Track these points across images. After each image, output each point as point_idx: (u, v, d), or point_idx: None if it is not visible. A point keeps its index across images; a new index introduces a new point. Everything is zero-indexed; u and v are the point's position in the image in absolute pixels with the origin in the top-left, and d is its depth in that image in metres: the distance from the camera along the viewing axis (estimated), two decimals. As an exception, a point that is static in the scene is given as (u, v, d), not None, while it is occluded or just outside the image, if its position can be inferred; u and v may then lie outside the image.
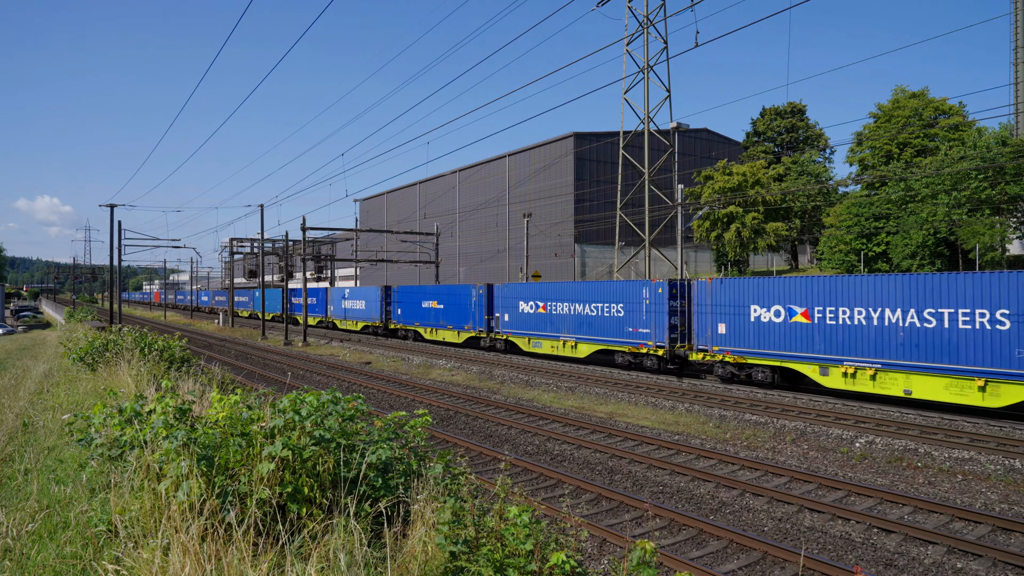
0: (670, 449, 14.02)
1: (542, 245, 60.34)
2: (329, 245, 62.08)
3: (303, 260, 44.34)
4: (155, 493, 5.24)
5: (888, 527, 9.28)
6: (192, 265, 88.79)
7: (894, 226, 39.84)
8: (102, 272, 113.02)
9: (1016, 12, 45.31)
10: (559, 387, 22.34)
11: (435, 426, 16.18)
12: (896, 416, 16.45)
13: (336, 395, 5.80)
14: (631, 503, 10.45)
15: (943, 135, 47.11)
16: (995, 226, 35.66)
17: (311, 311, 54.71)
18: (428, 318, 38.69)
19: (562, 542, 5.21)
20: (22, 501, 6.75)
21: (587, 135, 59.16)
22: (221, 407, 6.01)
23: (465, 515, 5.09)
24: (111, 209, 43.78)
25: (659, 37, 35.83)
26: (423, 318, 39.21)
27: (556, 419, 16.99)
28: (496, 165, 68.00)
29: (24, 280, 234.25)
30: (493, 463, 13.06)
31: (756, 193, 47.87)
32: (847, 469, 12.80)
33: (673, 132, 37.81)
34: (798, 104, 63.88)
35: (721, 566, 8.28)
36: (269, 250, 55.31)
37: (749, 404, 18.28)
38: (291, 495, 5.05)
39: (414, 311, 40.14)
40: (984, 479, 11.88)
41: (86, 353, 17.89)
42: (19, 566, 5.17)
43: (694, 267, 63.53)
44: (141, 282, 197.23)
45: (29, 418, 11.62)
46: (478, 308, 34.13)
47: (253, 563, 4.40)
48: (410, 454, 6.14)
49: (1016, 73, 45.05)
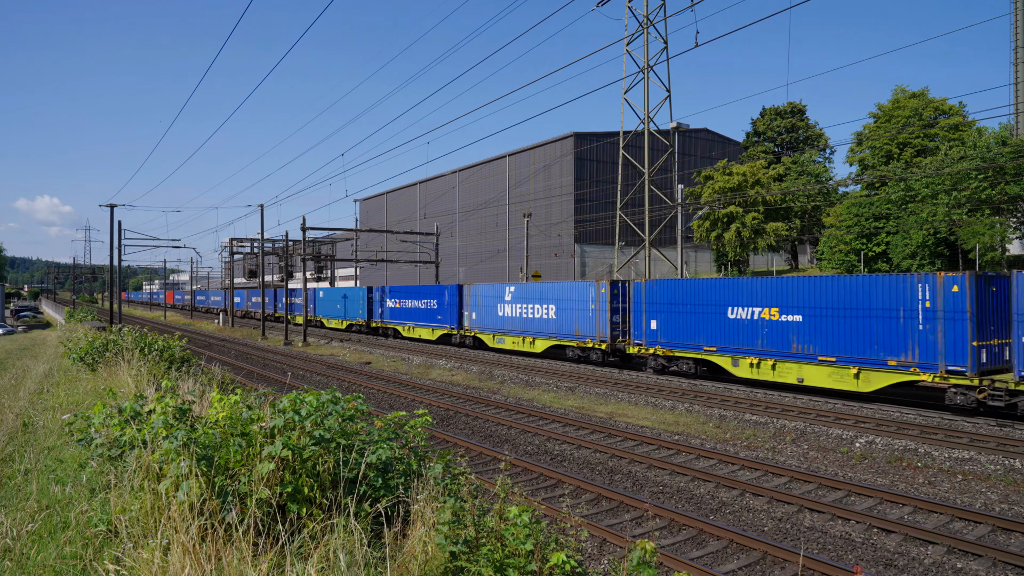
0: (670, 449, 14.02)
1: (542, 245, 60.34)
2: (329, 245, 62.11)
3: (303, 260, 44.36)
4: (155, 493, 5.24)
5: (888, 527, 9.28)
6: (192, 265, 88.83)
7: (894, 226, 39.84)
8: (102, 272, 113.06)
9: (1016, 12, 45.31)
10: (559, 387, 22.34)
11: (435, 426, 16.19)
12: (896, 416, 16.45)
13: (336, 395, 5.79)
14: (631, 503, 10.45)
15: (943, 135, 47.11)
16: (995, 226, 35.66)
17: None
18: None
19: (562, 542, 5.20)
20: (22, 501, 6.75)
21: (587, 135, 59.15)
22: (221, 407, 6.00)
23: (465, 515, 5.08)
24: (111, 209, 43.79)
25: (659, 37, 35.84)
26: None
27: (556, 419, 16.99)
28: (496, 165, 68.00)
29: (24, 280, 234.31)
30: (493, 463, 13.06)
31: (756, 193, 47.88)
32: (847, 469, 12.80)
33: (673, 132, 37.82)
34: (798, 104, 63.89)
35: (721, 566, 8.28)
36: (269, 250, 55.33)
37: (749, 404, 18.28)
38: (291, 495, 5.05)
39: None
40: (984, 479, 11.88)
41: (86, 353, 17.88)
42: (19, 566, 5.17)
43: (694, 267, 63.53)
44: (141, 282, 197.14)
45: (29, 418, 11.62)
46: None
47: (253, 563, 4.40)
48: (410, 454, 6.13)
49: (1016, 73, 45.05)
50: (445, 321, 36.87)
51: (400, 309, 41.79)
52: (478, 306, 34.29)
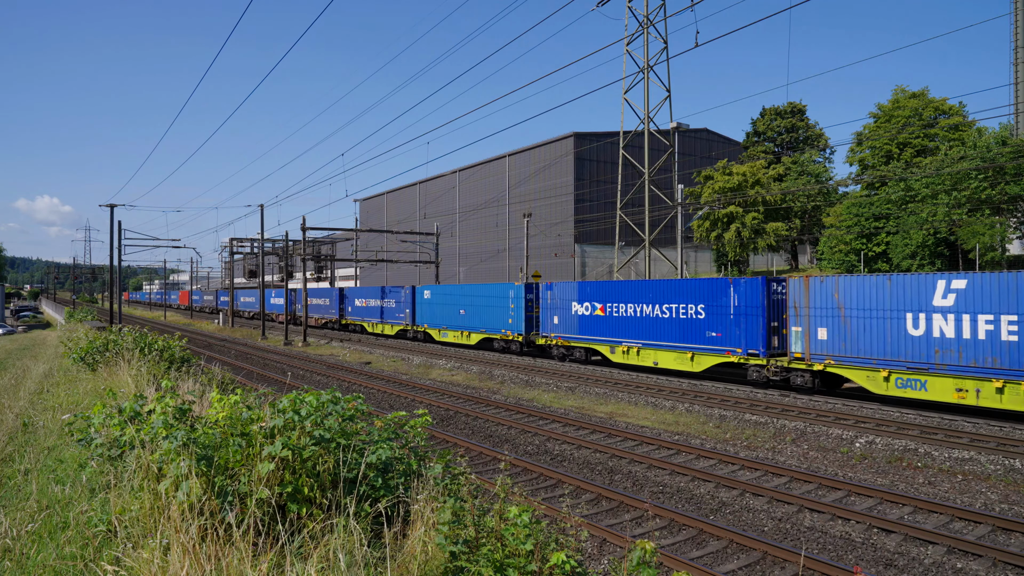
0: (670, 449, 14.02)
1: (542, 245, 60.32)
2: (329, 245, 62.10)
3: (303, 260, 44.36)
4: (155, 493, 5.24)
5: (888, 527, 9.28)
6: (192, 265, 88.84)
7: (894, 226, 39.84)
8: (102, 272, 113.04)
9: (1016, 12, 45.31)
10: (559, 387, 22.34)
11: (435, 426, 16.18)
12: (896, 416, 16.45)
13: (336, 395, 5.79)
14: (631, 503, 10.45)
15: (943, 135, 47.09)
16: (995, 226, 35.65)
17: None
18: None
19: (562, 542, 5.20)
20: (22, 501, 6.75)
21: (587, 135, 59.13)
22: (221, 407, 6.01)
23: (465, 515, 5.08)
24: (111, 209, 43.78)
25: (659, 37, 35.83)
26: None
27: (556, 419, 16.99)
28: (496, 165, 67.98)
29: (24, 280, 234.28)
30: (493, 463, 13.06)
31: (756, 193, 47.86)
32: (847, 469, 12.79)
33: (673, 132, 37.81)
34: (798, 104, 63.86)
35: (721, 566, 8.28)
36: (269, 250, 55.33)
37: (749, 404, 18.28)
38: (291, 495, 5.04)
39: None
40: (984, 479, 11.88)
41: (86, 353, 17.89)
42: (19, 566, 5.17)
43: (694, 267, 63.52)
44: (141, 282, 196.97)
45: (29, 418, 11.62)
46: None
47: (253, 563, 4.40)
48: (410, 454, 6.13)
49: (1016, 73, 45.05)
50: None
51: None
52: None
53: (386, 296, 43.05)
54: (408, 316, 40.16)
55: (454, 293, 36.20)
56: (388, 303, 42.69)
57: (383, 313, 43.44)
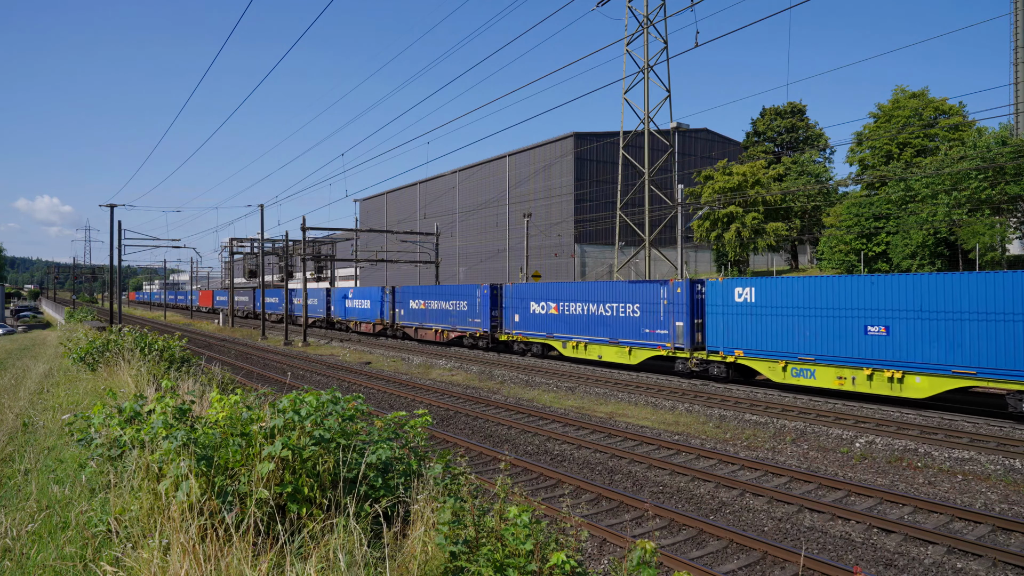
0: (670, 449, 14.02)
1: (542, 245, 60.32)
2: (329, 245, 62.06)
3: (303, 260, 44.36)
4: (155, 493, 5.24)
5: (888, 527, 9.28)
6: (192, 265, 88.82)
7: (894, 226, 39.83)
8: (102, 272, 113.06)
9: (1016, 12, 45.31)
10: (559, 387, 22.34)
11: (435, 426, 16.18)
12: (896, 416, 16.46)
13: (336, 395, 5.79)
14: (631, 503, 10.45)
15: (943, 135, 47.09)
16: (995, 226, 35.64)
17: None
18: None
19: (562, 542, 5.20)
20: (22, 501, 6.74)
21: (587, 135, 59.12)
22: (221, 407, 6.00)
23: (465, 515, 5.08)
24: (111, 209, 43.78)
25: (659, 37, 35.84)
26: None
27: (556, 419, 16.99)
28: (496, 165, 67.97)
29: (24, 280, 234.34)
30: (493, 463, 13.06)
31: (756, 193, 47.86)
32: (847, 469, 12.79)
33: (673, 132, 37.81)
34: (798, 104, 63.86)
35: (721, 566, 8.28)
36: (269, 250, 55.32)
37: (749, 404, 18.28)
38: (291, 495, 5.04)
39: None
40: (984, 479, 11.88)
41: (86, 353, 17.88)
42: (19, 566, 5.17)
43: (694, 267, 63.51)
44: (141, 282, 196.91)
45: (29, 418, 11.62)
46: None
47: (253, 563, 4.40)
48: (410, 454, 6.13)
49: (1016, 73, 45.06)
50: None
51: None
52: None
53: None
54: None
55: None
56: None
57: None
